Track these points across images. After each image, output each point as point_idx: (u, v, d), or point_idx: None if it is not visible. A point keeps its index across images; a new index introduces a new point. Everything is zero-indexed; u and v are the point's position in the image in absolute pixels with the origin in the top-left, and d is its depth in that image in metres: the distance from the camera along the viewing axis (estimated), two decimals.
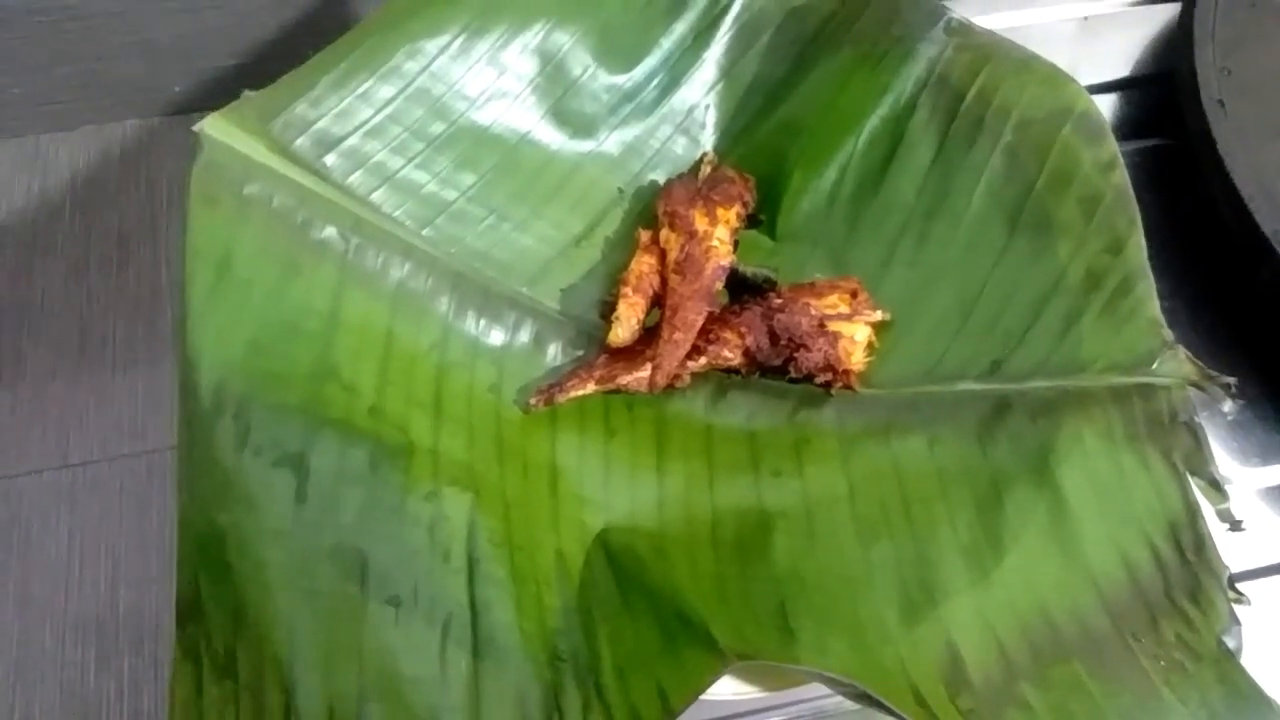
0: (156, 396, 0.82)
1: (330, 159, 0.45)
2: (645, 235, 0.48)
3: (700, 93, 0.53)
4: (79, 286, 0.87)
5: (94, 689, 0.70)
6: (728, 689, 0.37)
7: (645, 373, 0.44)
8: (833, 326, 0.45)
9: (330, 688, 0.34)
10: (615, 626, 0.37)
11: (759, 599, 0.39)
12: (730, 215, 0.47)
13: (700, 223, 0.46)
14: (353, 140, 0.46)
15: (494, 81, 0.49)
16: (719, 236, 0.47)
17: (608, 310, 0.47)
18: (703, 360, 0.45)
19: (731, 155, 0.53)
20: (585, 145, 0.51)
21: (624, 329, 0.46)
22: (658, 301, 0.47)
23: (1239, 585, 0.37)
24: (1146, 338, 0.41)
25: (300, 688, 0.34)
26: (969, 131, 0.48)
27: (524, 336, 0.47)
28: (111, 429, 0.80)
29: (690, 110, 0.53)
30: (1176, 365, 0.40)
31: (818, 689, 0.40)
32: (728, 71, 0.54)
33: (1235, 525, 0.38)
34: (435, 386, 0.43)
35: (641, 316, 0.46)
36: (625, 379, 0.44)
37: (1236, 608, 0.36)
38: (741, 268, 0.48)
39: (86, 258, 0.88)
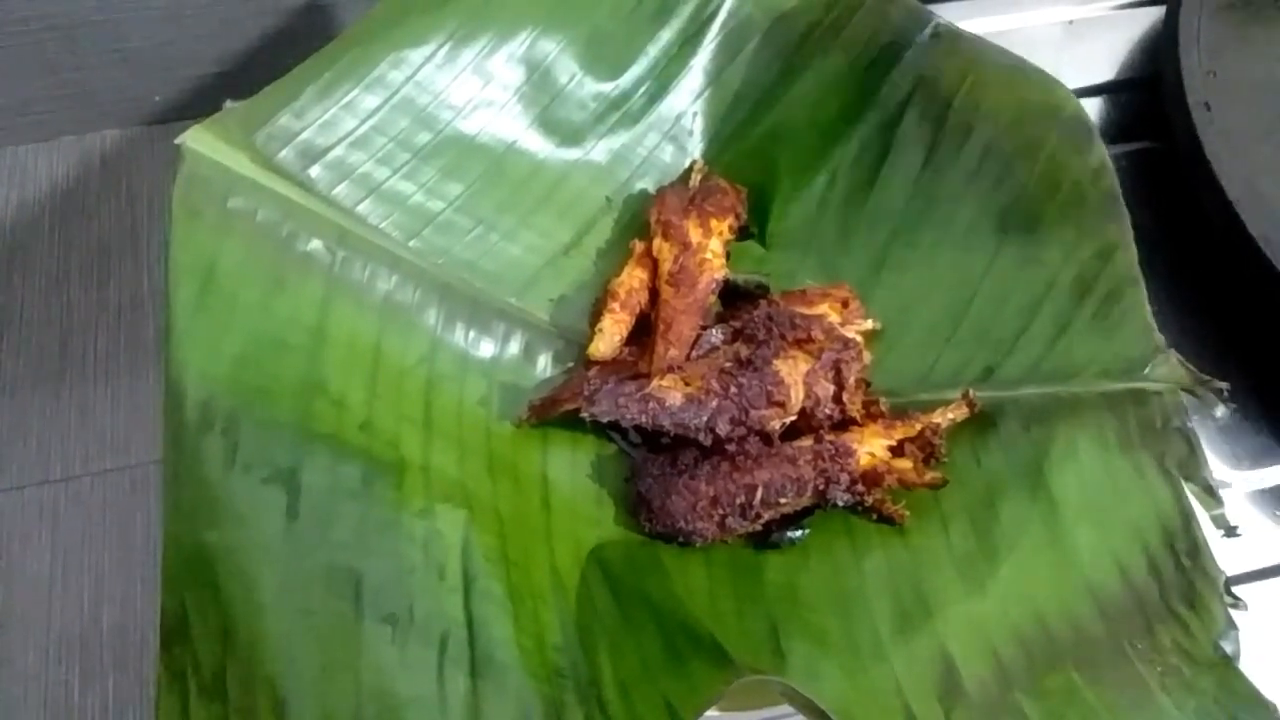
0: (139, 409, 0.80)
1: (315, 170, 0.45)
2: (639, 246, 0.47)
3: (688, 100, 0.53)
4: (59, 298, 0.85)
5: (78, 708, 0.68)
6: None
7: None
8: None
9: (325, 709, 0.33)
10: (615, 641, 0.37)
11: (750, 619, 0.39)
12: (723, 227, 0.47)
13: (694, 234, 0.46)
14: (337, 151, 0.45)
15: (480, 90, 0.49)
16: (712, 249, 0.46)
17: (596, 319, 0.46)
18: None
19: (719, 162, 0.52)
20: (573, 154, 0.51)
21: (605, 344, 0.45)
22: (644, 318, 0.46)
23: (1233, 589, 0.37)
24: (1139, 343, 0.41)
25: (294, 709, 0.33)
26: (958, 137, 0.48)
27: (513, 348, 0.47)
28: (94, 443, 0.78)
29: (678, 118, 0.53)
30: (1169, 370, 0.40)
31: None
32: (715, 78, 0.53)
33: (1230, 531, 0.38)
34: (425, 401, 0.42)
35: (624, 334, 0.46)
36: None
37: (1233, 613, 0.36)
38: (733, 276, 0.47)
39: (66, 269, 0.87)
